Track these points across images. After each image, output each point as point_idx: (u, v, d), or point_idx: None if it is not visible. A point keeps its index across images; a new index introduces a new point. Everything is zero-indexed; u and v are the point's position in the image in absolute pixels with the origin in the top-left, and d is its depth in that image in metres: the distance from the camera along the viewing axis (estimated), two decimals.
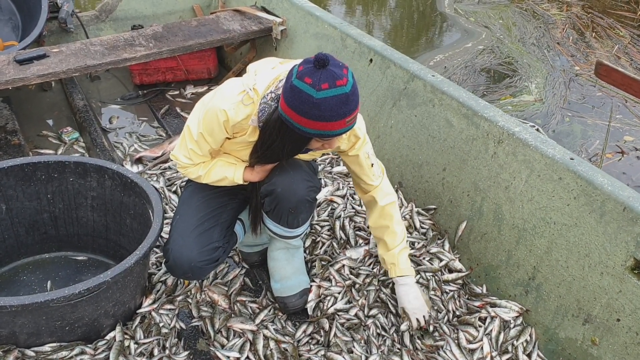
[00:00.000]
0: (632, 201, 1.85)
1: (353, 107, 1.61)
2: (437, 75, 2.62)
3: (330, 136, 1.66)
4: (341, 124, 1.62)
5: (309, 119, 1.59)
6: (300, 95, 1.57)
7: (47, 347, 1.86)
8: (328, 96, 1.55)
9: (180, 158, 1.95)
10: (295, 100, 1.58)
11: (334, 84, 1.55)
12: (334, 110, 1.57)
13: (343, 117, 1.60)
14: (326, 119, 1.59)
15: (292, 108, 1.60)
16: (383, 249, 2.11)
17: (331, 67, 1.56)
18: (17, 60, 3.00)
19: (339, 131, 1.64)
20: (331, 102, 1.56)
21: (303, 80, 1.56)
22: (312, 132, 1.63)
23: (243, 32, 3.52)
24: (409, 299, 2.06)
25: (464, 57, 5.00)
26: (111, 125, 3.39)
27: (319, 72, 1.55)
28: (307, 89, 1.56)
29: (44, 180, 2.22)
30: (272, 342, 2.01)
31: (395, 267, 2.07)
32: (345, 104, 1.58)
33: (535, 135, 2.19)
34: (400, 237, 2.08)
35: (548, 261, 2.06)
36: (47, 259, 2.35)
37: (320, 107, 1.56)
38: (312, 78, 1.55)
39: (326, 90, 1.55)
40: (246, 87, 1.77)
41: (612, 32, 5.51)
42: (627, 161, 3.72)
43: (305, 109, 1.58)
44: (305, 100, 1.56)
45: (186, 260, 1.93)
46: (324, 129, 1.61)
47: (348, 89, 1.58)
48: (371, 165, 2.02)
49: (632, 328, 1.83)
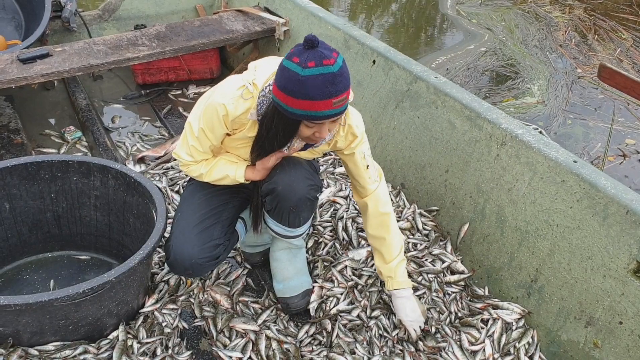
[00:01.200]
0: (635, 204, 1.86)
1: (341, 88, 1.59)
2: (440, 77, 2.62)
3: (317, 118, 1.63)
4: (327, 104, 1.59)
5: (295, 98, 1.58)
6: (288, 74, 1.57)
7: (51, 346, 1.86)
8: (313, 74, 1.55)
9: (182, 156, 1.95)
10: (282, 80, 1.59)
11: (320, 63, 1.55)
12: (319, 89, 1.56)
13: (329, 97, 1.58)
14: (311, 97, 1.57)
15: (280, 88, 1.61)
16: (380, 261, 2.10)
17: (320, 49, 1.57)
18: (20, 59, 3.00)
19: (325, 112, 1.61)
20: (316, 80, 1.55)
21: (291, 59, 1.57)
22: (298, 112, 1.61)
23: (246, 32, 3.53)
24: (406, 312, 2.06)
25: (466, 59, 5.00)
26: (114, 124, 3.39)
27: (307, 52, 1.56)
28: (294, 67, 1.56)
29: (47, 180, 2.22)
30: (274, 343, 2.02)
31: (393, 280, 2.07)
32: (332, 83, 1.57)
33: (539, 138, 2.19)
34: (397, 249, 2.07)
35: (550, 263, 2.07)
36: (50, 258, 2.36)
37: (305, 85, 1.56)
38: (300, 57, 1.56)
39: (312, 68, 1.55)
40: (246, 82, 1.78)
41: (615, 35, 5.51)
42: (629, 164, 3.73)
43: (291, 87, 1.58)
44: (292, 79, 1.57)
45: (187, 257, 1.93)
46: (310, 108, 1.59)
47: (335, 68, 1.57)
48: (366, 167, 2.00)
49: (634, 331, 1.83)
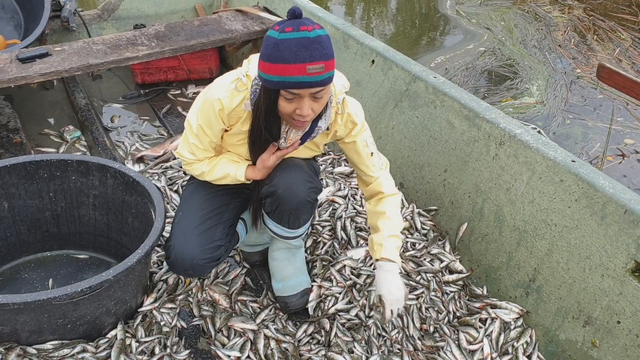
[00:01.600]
0: (634, 204, 1.86)
1: (316, 55, 1.56)
2: (439, 77, 2.63)
3: (291, 85, 1.59)
4: (300, 69, 1.56)
5: (270, 62, 1.58)
6: (267, 41, 1.59)
7: (49, 344, 1.86)
8: (288, 37, 1.55)
9: (184, 154, 1.96)
10: (263, 48, 1.61)
11: (297, 28, 1.55)
12: (292, 52, 1.54)
13: (302, 61, 1.55)
14: (285, 61, 1.55)
15: (260, 57, 1.62)
16: (374, 233, 2.02)
17: (303, 19, 1.58)
18: (19, 59, 3.01)
19: (298, 78, 1.57)
20: (290, 43, 1.55)
21: (273, 28, 1.60)
22: (274, 79, 1.59)
23: (245, 32, 3.53)
24: (390, 288, 1.90)
25: (465, 59, 5.00)
26: (113, 124, 3.40)
27: (288, 21, 1.58)
28: (272, 34, 1.58)
29: (46, 179, 2.22)
30: (272, 342, 2.02)
31: (382, 249, 1.95)
32: (306, 48, 1.55)
33: (537, 138, 2.19)
34: (394, 224, 1.99)
35: (549, 263, 2.07)
36: (49, 257, 2.36)
37: (279, 47, 1.55)
38: (280, 25, 1.58)
39: (288, 32, 1.55)
40: (239, 75, 1.80)
41: (614, 35, 5.51)
42: (627, 164, 3.73)
43: (267, 52, 1.58)
44: (269, 44, 1.58)
45: (188, 257, 1.93)
46: (283, 73, 1.57)
47: (312, 35, 1.56)
48: (370, 154, 1.97)
49: (632, 330, 1.83)
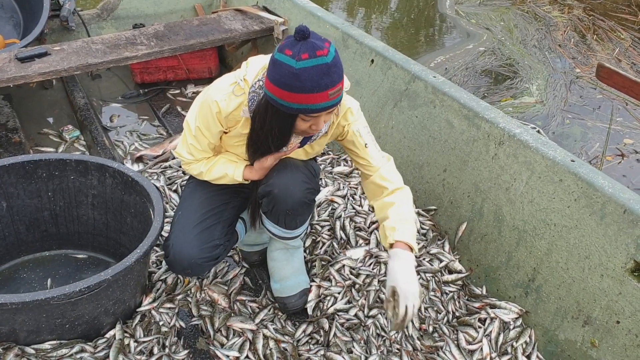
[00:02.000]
0: (633, 203, 1.86)
1: (335, 79, 1.57)
2: (439, 77, 2.62)
3: (314, 111, 1.60)
4: (323, 97, 1.57)
5: (291, 92, 1.56)
6: (281, 68, 1.55)
7: (47, 344, 1.86)
8: (308, 66, 1.53)
9: (183, 154, 1.96)
10: (276, 74, 1.57)
11: (314, 54, 1.53)
12: (315, 81, 1.54)
13: (325, 88, 1.56)
14: (307, 91, 1.55)
15: (274, 82, 1.58)
16: (385, 219, 1.83)
17: (312, 39, 1.55)
18: (18, 58, 3.00)
19: (321, 105, 1.59)
20: (312, 72, 1.53)
21: (283, 52, 1.55)
22: (295, 106, 1.59)
23: (244, 31, 3.52)
24: (406, 279, 1.68)
25: (465, 59, 5.00)
26: (112, 123, 3.39)
27: (299, 44, 1.54)
28: (287, 60, 1.54)
29: (44, 178, 2.22)
30: (271, 342, 2.01)
31: (394, 232, 1.76)
32: (327, 74, 1.55)
33: (536, 137, 2.19)
34: (408, 213, 1.82)
35: (548, 263, 2.07)
36: (48, 257, 2.35)
37: (301, 78, 1.53)
38: (293, 50, 1.54)
39: (306, 60, 1.52)
40: (237, 79, 1.79)
41: (613, 35, 5.51)
42: (627, 164, 3.72)
43: (285, 81, 1.55)
44: (286, 72, 1.54)
45: (186, 256, 1.93)
46: (306, 102, 1.57)
47: (329, 59, 1.55)
48: (365, 146, 1.89)
49: (631, 330, 1.83)
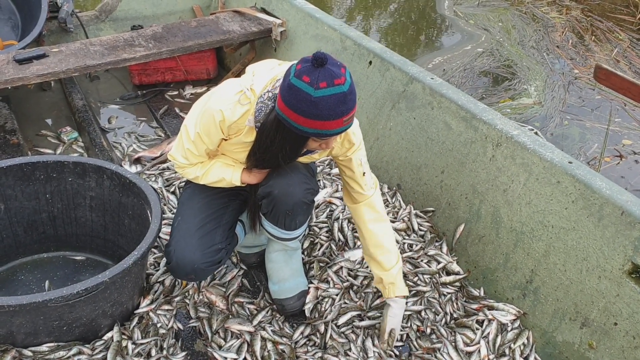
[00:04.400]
0: (630, 205, 1.86)
1: (351, 106, 1.61)
2: (436, 78, 2.62)
3: (328, 135, 1.65)
4: (339, 123, 1.61)
5: (307, 118, 1.59)
6: (298, 94, 1.57)
7: (45, 347, 1.86)
8: (326, 95, 1.55)
9: (177, 158, 1.95)
10: (293, 99, 1.58)
11: (332, 83, 1.55)
12: (332, 110, 1.57)
13: (341, 116, 1.60)
14: (324, 118, 1.58)
15: (290, 107, 1.60)
16: (378, 269, 2.04)
17: (329, 66, 1.56)
18: (16, 60, 3.00)
19: (336, 130, 1.64)
20: (329, 101, 1.56)
21: (301, 78, 1.56)
22: (310, 131, 1.62)
23: (243, 33, 3.52)
24: (400, 322, 2.06)
25: (463, 60, 5.00)
26: (110, 125, 3.39)
27: (317, 71, 1.55)
28: (305, 88, 1.55)
29: (42, 180, 2.21)
30: (269, 344, 2.01)
31: (395, 287, 2.02)
32: (343, 103, 1.58)
33: (534, 139, 2.19)
34: (395, 255, 2.04)
35: (546, 264, 2.07)
36: (45, 259, 2.35)
37: (318, 106, 1.56)
38: (310, 77, 1.55)
39: (324, 89, 1.55)
40: (243, 88, 1.78)
41: (612, 36, 5.51)
42: (625, 165, 3.72)
43: (303, 108, 1.57)
44: (303, 99, 1.56)
45: (189, 262, 1.93)
46: (322, 128, 1.61)
47: (346, 88, 1.57)
48: (363, 174, 1.99)
49: (629, 332, 1.83)
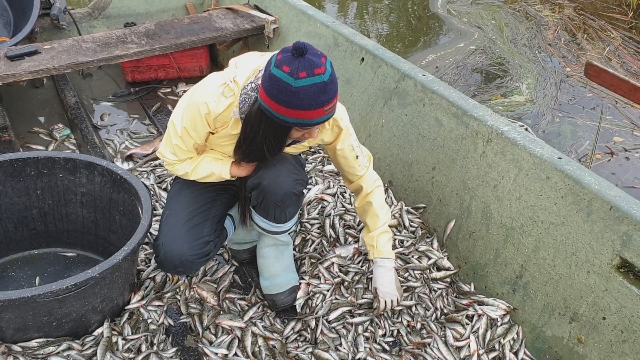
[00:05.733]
0: (619, 200, 1.87)
1: (332, 95, 1.61)
2: (428, 75, 2.63)
3: (310, 125, 1.66)
4: (320, 113, 1.62)
5: (288, 108, 1.59)
6: (279, 84, 1.57)
7: (34, 342, 1.86)
8: (306, 85, 1.56)
9: (166, 155, 1.95)
10: (273, 90, 1.59)
11: (312, 73, 1.55)
12: (312, 99, 1.58)
13: (321, 105, 1.60)
14: (305, 108, 1.59)
15: (271, 97, 1.60)
16: (365, 231, 2.15)
17: (309, 56, 1.56)
18: (8, 56, 2.99)
19: (318, 120, 1.64)
20: (309, 91, 1.56)
21: (281, 68, 1.57)
22: (291, 121, 1.63)
23: (235, 30, 3.52)
24: (382, 281, 2.07)
25: (455, 57, 5.01)
26: (102, 122, 3.38)
27: (297, 61, 1.56)
28: (285, 78, 1.56)
29: (33, 176, 2.21)
30: (260, 339, 2.02)
31: (374, 249, 2.09)
32: (324, 92, 1.58)
33: (524, 135, 2.20)
34: (381, 220, 2.09)
35: (535, 260, 2.08)
36: (36, 255, 2.35)
37: (299, 96, 1.57)
38: (290, 66, 1.56)
39: (304, 78, 1.55)
40: (227, 80, 1.78)
41: (604, 34, 5.54)
42: (616, 162, 3.74)
43: (283, 98, 1.58)
44: (284, 89, 1.57)
45: (177, 254, 1.93)
46: (303, 117, 1.61)
47: (326, 77, 1.58)
48: (356, 157, 2.03)
49: (617, 326, 1.84)
